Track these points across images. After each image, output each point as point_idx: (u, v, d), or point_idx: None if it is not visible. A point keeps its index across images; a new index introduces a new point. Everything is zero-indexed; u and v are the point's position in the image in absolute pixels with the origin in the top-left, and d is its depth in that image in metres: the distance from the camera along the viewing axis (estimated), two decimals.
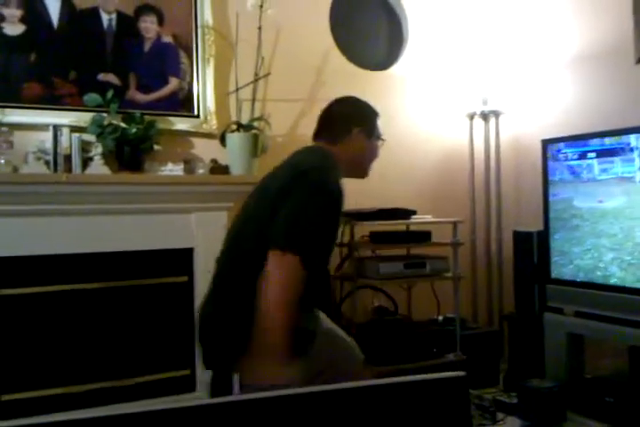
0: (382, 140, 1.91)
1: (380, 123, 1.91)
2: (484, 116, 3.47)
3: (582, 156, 2.68)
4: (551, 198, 2.80)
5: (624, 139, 2.50)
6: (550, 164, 2.81)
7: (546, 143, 2.84)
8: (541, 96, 3.38)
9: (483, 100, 3.42)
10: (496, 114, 3.45)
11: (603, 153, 2.59)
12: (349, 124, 1.81)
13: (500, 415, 2.70)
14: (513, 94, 3.47)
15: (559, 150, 2.78)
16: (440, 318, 3.22)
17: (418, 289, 3.27)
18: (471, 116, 3.49)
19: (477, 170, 3.52)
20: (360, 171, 1.91)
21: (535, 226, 3.00)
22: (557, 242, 2.78)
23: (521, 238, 3.05)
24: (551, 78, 3.31)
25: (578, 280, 2.69)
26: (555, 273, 2.80)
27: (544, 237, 2.86)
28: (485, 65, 3.36)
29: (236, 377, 1.49)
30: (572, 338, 2.76)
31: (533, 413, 2.62)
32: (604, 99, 3.03)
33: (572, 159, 2.72)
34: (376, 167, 1.96)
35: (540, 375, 2.82)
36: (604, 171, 2.59)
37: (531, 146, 3.23)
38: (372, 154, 1.89)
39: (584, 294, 2.65)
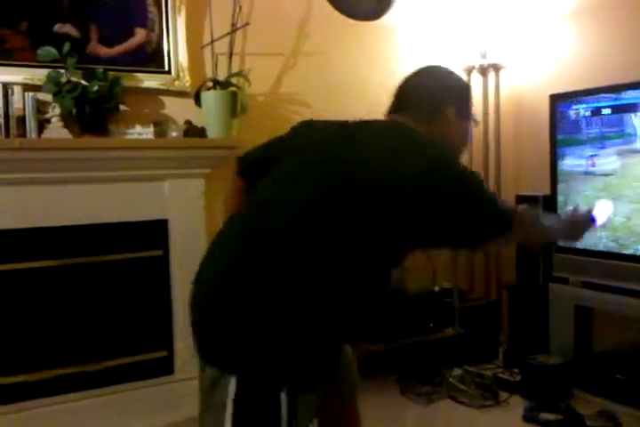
0: (476, 121, 1.59)
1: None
2: (483, 71, 3.23)
3: (596, 112, 2.44)
4: (560, 160, 2.58)
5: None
6: (559, 121, 2.57)
7: (555, 99, 2.59)
8: (544, 48, 3.11)
9: (481, 52, 3.18)
10: (496, 68, 3.19)
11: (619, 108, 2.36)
12: (440, 101, 1.47)
13: (502, 395, 2.54)
14: (514, 47, 3.22)
15: (569, 106, 2.53)
16: (436, 288, 3.03)
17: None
18: (468, 71, 3.25)
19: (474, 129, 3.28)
20: None
21: (539, 190, 2.79)
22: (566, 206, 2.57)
23: (525, 203, 2.83)
24: (555, 29, 3.05)
25: (587, 249, 2.50)
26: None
27: (551, 201, 2.65)
28: (484, 15, 3.11)
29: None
30: (579, 310, 2.64)
31: (538, 391, 2.46)
32: (618, 50, 2.76)
33: (584, 116, 2.48)
34: None
35: (544, 350, 2.68)
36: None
37: (535, 102, 2.98)
38: (464, 138, 1.55)
39: (592, 263, 2.49)
